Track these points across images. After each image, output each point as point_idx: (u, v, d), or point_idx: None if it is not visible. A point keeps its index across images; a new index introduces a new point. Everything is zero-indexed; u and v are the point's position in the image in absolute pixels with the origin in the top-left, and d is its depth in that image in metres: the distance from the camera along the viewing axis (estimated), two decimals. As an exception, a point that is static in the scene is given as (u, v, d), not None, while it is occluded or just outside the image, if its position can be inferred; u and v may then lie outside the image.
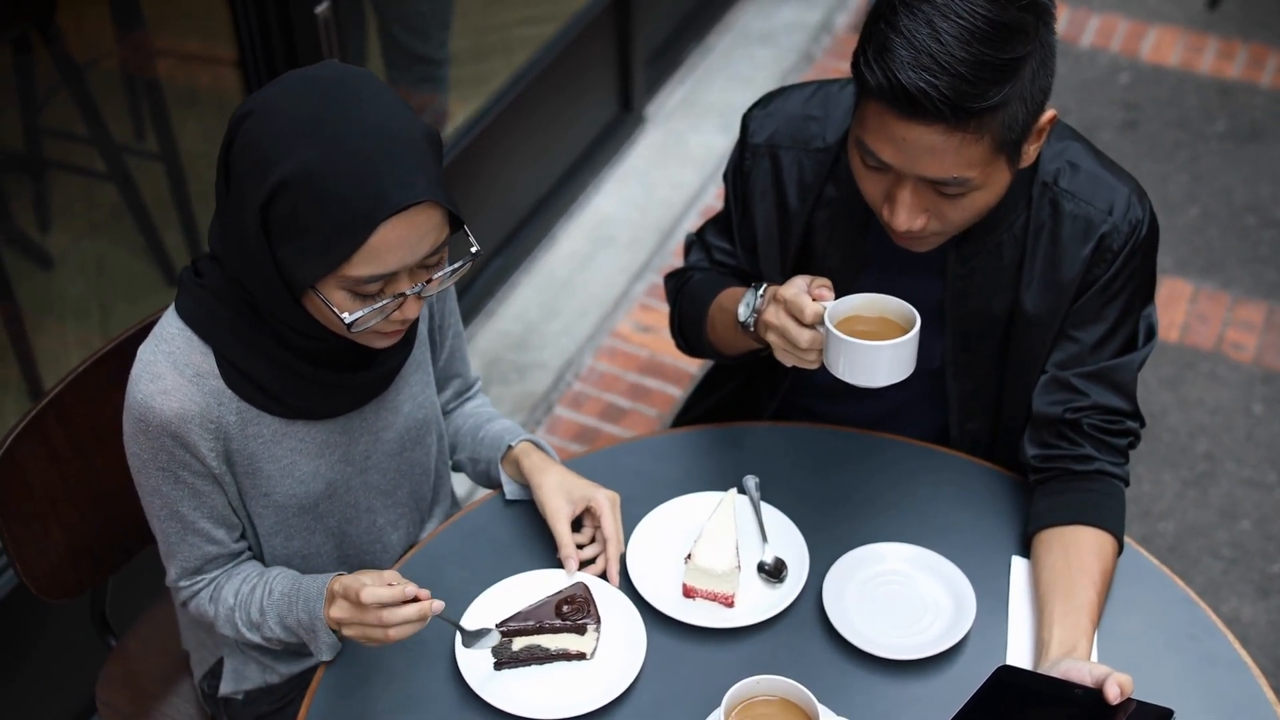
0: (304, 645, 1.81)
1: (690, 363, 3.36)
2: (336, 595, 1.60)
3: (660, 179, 3.85)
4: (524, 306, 3.48)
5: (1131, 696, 1.50)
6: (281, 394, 1.64)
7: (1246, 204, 3.86)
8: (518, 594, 1.74)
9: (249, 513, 1.74)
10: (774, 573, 1.77)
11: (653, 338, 3.45)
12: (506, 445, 1.89)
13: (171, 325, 1.63)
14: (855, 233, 1.85)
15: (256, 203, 1.48)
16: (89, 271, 2.72)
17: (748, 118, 1.92)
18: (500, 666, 1.68)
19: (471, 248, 1.60)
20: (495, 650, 1.67)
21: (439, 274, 1.57)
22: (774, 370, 2.06)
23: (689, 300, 2.00)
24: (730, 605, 1.74)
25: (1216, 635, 1.71)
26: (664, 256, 3.66)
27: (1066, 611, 1.65)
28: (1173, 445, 3.20)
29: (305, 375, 1.64)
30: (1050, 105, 1.64)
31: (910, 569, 1.78)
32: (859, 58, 1.59)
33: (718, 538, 1.76)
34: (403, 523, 1.89)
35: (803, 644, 1.71)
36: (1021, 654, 1.69)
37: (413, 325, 1.72)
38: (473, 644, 1.63)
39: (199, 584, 1.75)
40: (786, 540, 1.81)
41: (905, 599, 1.75)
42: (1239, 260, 3.69)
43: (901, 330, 1.65)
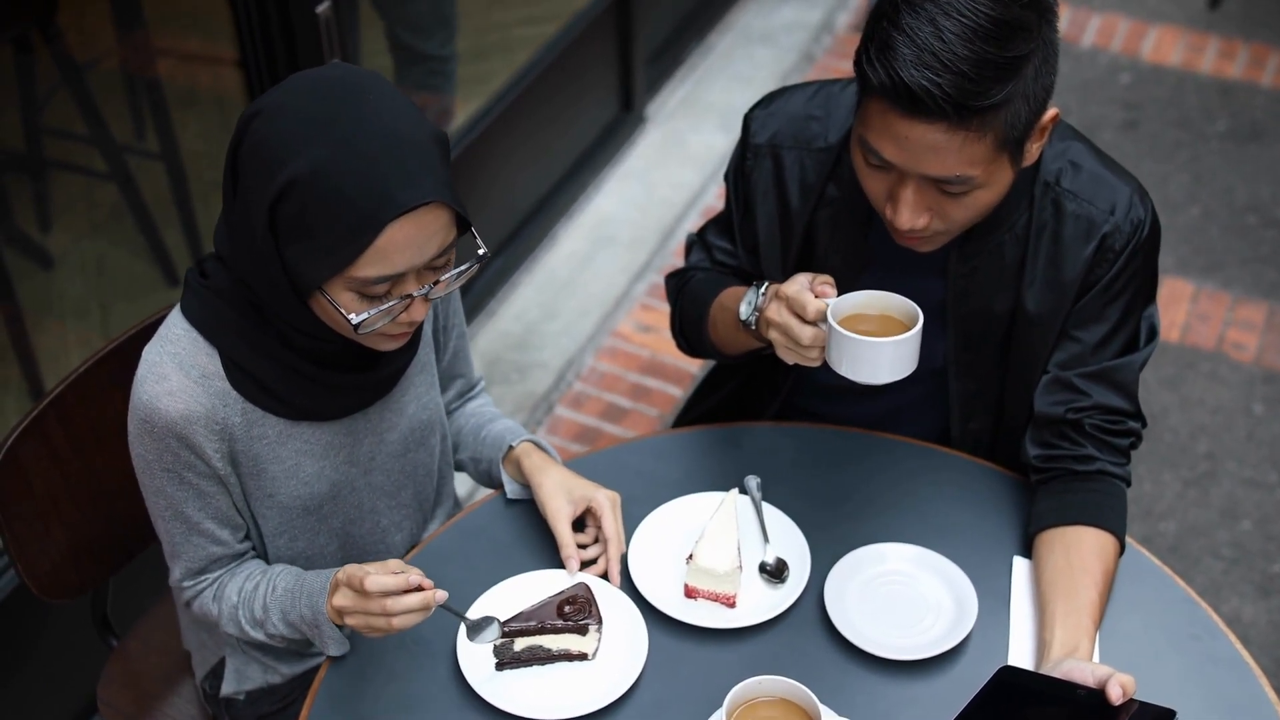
0: (307, 643, 1.80)
1: (691, 363, 3.35)
2: (340, 584, 1.59)
3: (661, 179, 3.84)
4: (525, 306, 3.48)
5: (1133, 697, 1.50)
6: (286, 395, 1.64)
7: (1247, 204, 3.86)
8: (519, 594, 1.74)
9: (253, 513, 1.74)
10: (775, 573, 1.77)
11: (654, 338, 3.45)
12: (508, 445, 1.89)
13: (177, 326, 1.62)
14: (857, 232, 1.85)
15: (264, 203, 1.47)
16: (89, 271, 2.71)
17: (749, 118, 1.92)
18: (502, 667, 1.68)
19: (478, 250, 1.60)
20: (497, 650, 1.67)
21: (446, 276, 1.57)
22: (775, 370, 2.06)
23: (690, 300, 2.00)
24: (732, 605, 1.74)
25: (1218, 635, 1.71)
26: (665, 256, 3.65)
27: (1068, 612, 1.64)
28: (1174, 445, 3.20)
29: (310, 376, 1.64)
30: (1051, 105, 1.64)
31: (912, 569, 1.78)
32: (861, 56, 1.59)
33: (719, 538, 1.75)
34: (406, 524, 1.89)
35: (804, 644, 1.70)
36: (1023, 654, 1.69)
37: (418, 328, 1.72)
38: (476, 636, 1.63)
39: (203, 584, 1.74)
40: (788, 540, 1.81)
41: (907, 599, 1.75)
42: (1240, 260, 3.69)
43: (904, 327, 1.65)
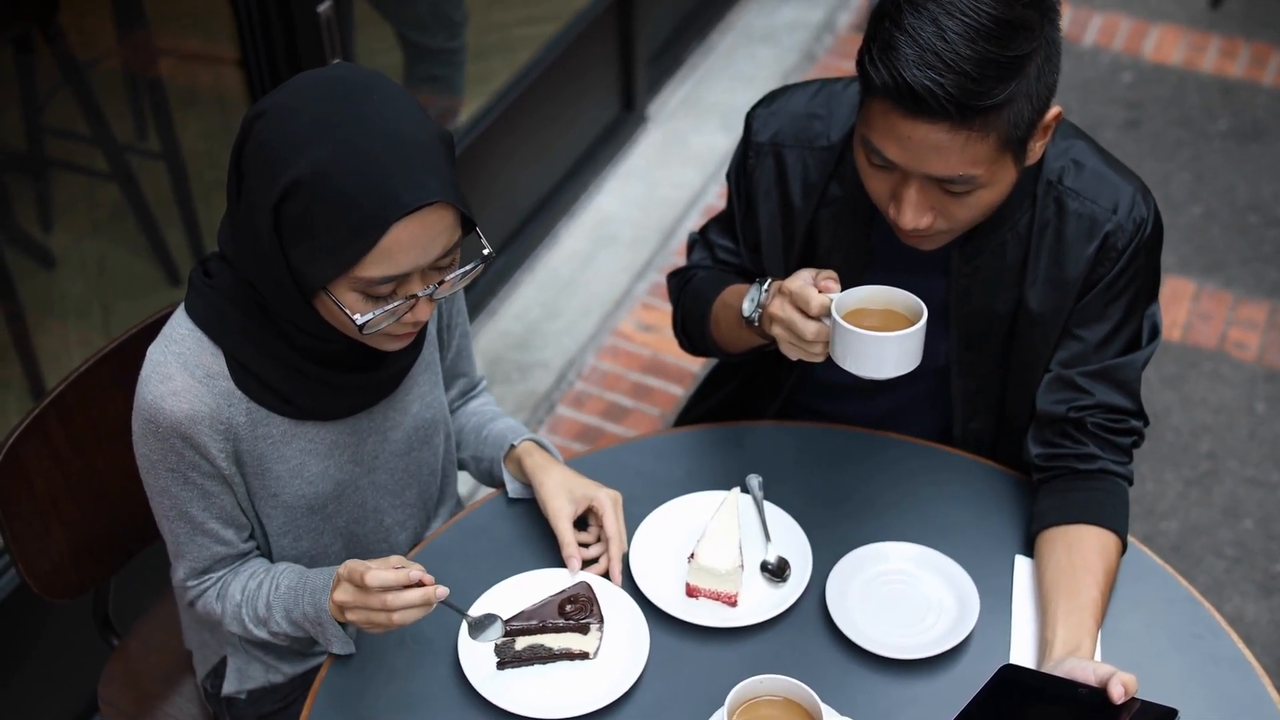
0: (310, 642, 1.80)
1: (693, 361, 3.35)
2: (341, 579, 1.59)
3: (662, 178, 3.84)
4: (526, 305, 3.48)
5: (1135, 696, 1.50)
6: (291, 395, 1.64)
7: (1249, 203, 3.86)
8: (521, 593, 1.73)
9: (258, 513, 1.74)
10: (777, 572, 1.77)
11: (655, 337, 3.45)
12: (509, 444, 1.89)
13: (181, 326, 1.62)
14: (859, 231, 1.85)
15: (269, 203, 1.47)
16: (91, 271, 2.71)
17: (751, 116, 1.92)
18: (503, 666, 1.67)
19: (483, 250, 1.60)
20: (498, 650, 1.67)
21: (451, 276, 1.56)
22: (777, 369, 2.06)
23: (692, 298, 1.99)
24: (733, 604, 1.74)
25: (1220, 634, 1.71)
26: (666, 255, 3.65)
27: (1070, 610, 1.64)
28: (1175, 444, 3.20)
29: (314, 376, 1.64)
30: (1053, 104, 1.64)
31: (913, 568, 1.77)
32: (864, 56, 1.59)
33: (720, 537, 1.75)
34: (410, 523, 1.89)
35: (806, 643, 1.70)
36: (1025, 653, 1.69)
37: (423, 327, 1.72)
38: (478, 634, 1.63)
39: (207, 583, 1.74)
40: (789, 539, 1.81)
41: (908, 598, 1.75)
42: (1241, 259, 3.68)
43: (908, 322, 1.65)
